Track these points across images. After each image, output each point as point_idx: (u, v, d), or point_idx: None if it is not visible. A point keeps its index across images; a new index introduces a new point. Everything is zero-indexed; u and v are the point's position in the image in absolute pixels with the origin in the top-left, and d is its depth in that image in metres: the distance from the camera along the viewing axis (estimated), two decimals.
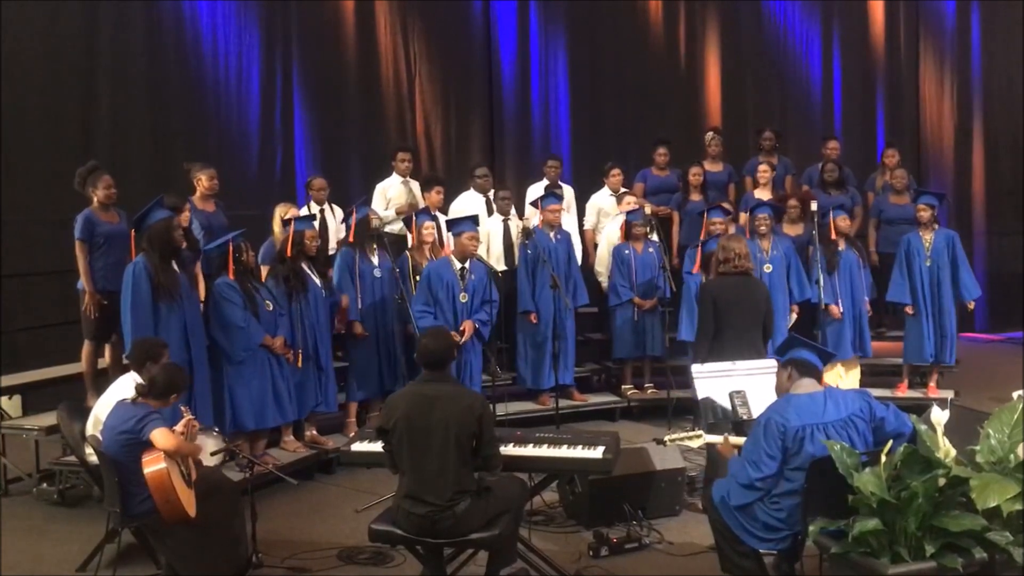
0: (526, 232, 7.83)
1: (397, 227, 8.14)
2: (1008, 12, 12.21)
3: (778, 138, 9.56)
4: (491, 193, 8.39)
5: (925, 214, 7.80)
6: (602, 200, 8.84)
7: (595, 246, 8.71)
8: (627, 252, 8.01)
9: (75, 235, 6.29)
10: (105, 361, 6.63)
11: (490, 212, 8.28)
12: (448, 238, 7.52)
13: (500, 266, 8.01)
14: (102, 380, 6.18)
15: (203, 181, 7.06)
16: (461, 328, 6.92)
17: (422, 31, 10.54)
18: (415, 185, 8.28)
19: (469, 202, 8.35)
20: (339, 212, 7.88)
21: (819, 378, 4.24)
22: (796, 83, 12.23)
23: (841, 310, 7.75)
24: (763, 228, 7.78)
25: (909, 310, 7.83)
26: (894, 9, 12.38)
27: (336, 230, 7.81)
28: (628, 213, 8.12)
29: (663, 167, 9.18)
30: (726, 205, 8.48)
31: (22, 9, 8.10)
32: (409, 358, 7.34)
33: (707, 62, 11.90)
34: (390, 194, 8.22)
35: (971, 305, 7.93)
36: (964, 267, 7.81)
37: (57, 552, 5.31)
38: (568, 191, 8.89)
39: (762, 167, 8.86)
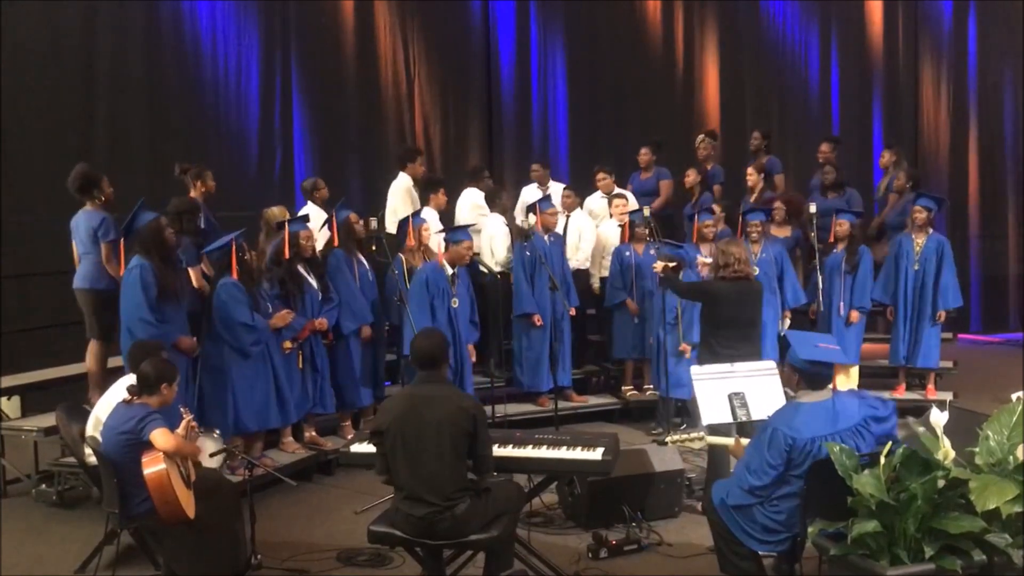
0: (524, 234, 7.83)
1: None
2: (1005, 13, 12.21)
3: (765, 138, 9.52)
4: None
5: (921, 216, 7.76)
6: (592, 202, 8.88)
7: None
8: (628, 254, 8.00)
9: (107, 238, 6.18)
10: (116, 361, 6.57)
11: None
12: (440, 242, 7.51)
13: (501, 268, 8.02)
14: (112, 379, 6.12)
15: (198, 186, 7.03)
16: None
17: (421, 32, 10.56)
18: None
19: (474, 201, 8.45)
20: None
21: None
22: (794, 85, 12.24)
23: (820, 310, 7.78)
24: (755, 235, 7.80)
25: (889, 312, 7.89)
26: (892, 10, 12.37)
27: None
28: (631, 214, 8.11)
29: (647, 168, 9.20)
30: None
31: (22, 9, 8.09)
32: (393, 362, 7.38)
33: (705, 63, 11.91)
34: (415, 194, 8.14)
35: (941, 315, 7.76)
36: (950, 274, 7.75)
37: (56, 553, 5.31)
38: (556, 188, 8.82)
39: (748, 170, 8.88)
